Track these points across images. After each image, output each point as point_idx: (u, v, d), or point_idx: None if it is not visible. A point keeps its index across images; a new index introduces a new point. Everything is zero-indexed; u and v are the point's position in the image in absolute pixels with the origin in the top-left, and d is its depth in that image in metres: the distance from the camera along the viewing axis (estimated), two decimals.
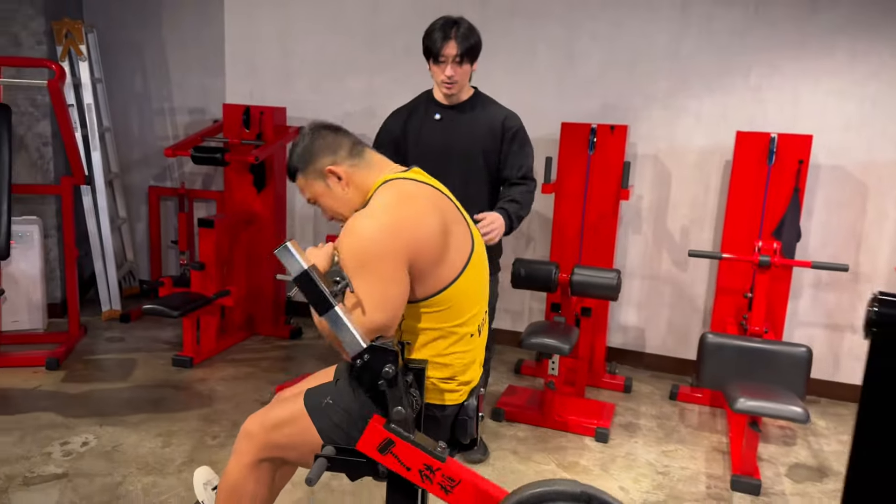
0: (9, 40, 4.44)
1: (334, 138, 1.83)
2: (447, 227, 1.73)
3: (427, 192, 1.78)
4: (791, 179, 3.53)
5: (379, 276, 1.64)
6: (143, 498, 2.65)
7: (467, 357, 1.84)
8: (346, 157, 1.81)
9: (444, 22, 2.77)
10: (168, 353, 4.10)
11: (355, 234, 1.67)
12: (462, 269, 1.76)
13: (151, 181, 5.11)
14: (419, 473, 1.62)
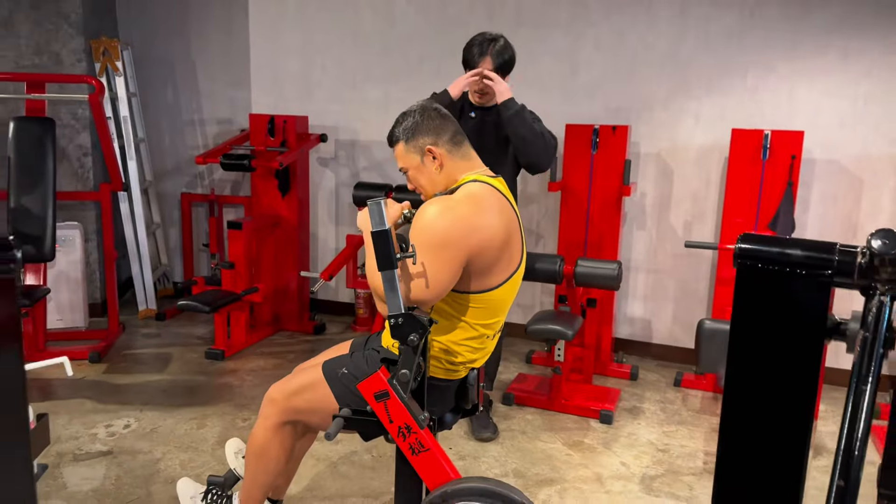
0: (51, 59, 4.78)
1: (441, 122, 2.01)
2: (509, 240, 1.95)
3: (502, 204, 1.96)
4: (784, 174, 3.71)
5: (439, 260, 1.83)
6: (180, 471, 2.91)
7: (477, 353, 2.07)
8: (447, 142, 2.00)
9: (482, 39, 3.08)
10: (201, 348, 4.39)
11: (436, 216, 1.85)
12: (507, 279, 1.98)
13: (183, 188, 5.42)
14: (398, 429, 1.84)
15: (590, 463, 3.14)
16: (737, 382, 0.99)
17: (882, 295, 0.89)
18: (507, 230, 1.94)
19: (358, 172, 4.99)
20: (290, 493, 2.65)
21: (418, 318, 1.81)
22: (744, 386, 0.99)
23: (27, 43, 4.74)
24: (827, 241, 0.96)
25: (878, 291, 0.90)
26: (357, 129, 4.94)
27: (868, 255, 0.89)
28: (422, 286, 1.84)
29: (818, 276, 0.92)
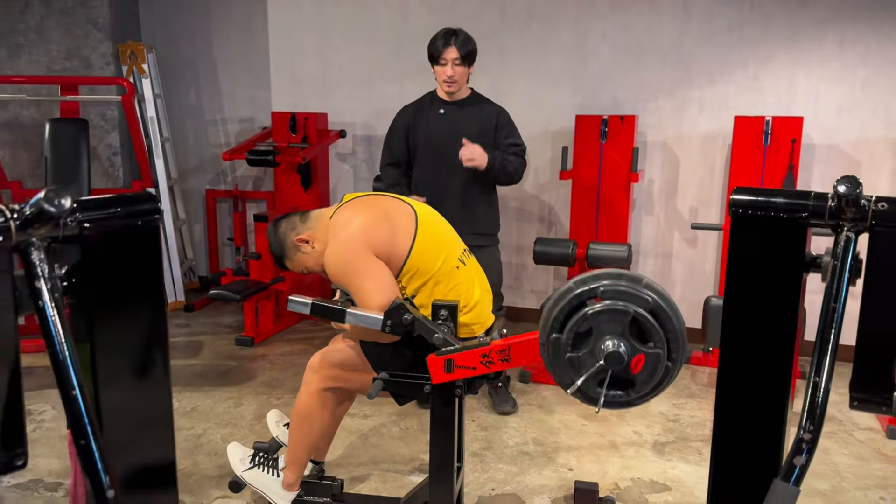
0: (81, 63, 5.01)
1: (287, 221, 2.33)
2: (386, 217, 2.24)
3: (359, 203, 2.31)
4: (785, 158, 3.89)
5: (362, 271, 2.14)
6: (221, 444, 3.12)
7: (463, 283, 2.31)
8: (300, 223, 2.31)
9: (445, 31, 3.29)
10: (230, 336, 4.60)
11: (333, 257, 2.19)
12: (412, 241, 2.24)
13: (207, 185, 5.64)
14: (482, 363, 2.02)
15: (604, 432, 3.33)
16: (732, 310, 1.18)
17: (848, 231, 1.08)
18: (374, 213, 2.25)
19: (375, 167, 5.19)
20: (327, 460, 2.85)
21: (393, 307, 2.09)
22: (738, 313, 1.18)
23: (58, 48, 4.97)
24: (804, 190, 1.15)
25: (845, 229, 1.09)
26: (373, 124, 5.14)
27: (836, 200, 1.08)
28: (375, 295, 2.12)
29: (797, 218, 1.11)
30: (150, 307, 1.08)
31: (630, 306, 1.55)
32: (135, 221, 1.02)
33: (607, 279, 1.62)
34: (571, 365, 1.65)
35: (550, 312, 1.65)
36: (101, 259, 0.98)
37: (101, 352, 0.99)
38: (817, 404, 1.00)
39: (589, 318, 1.59)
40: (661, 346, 1.57)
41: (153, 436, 1.17)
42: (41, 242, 0.87)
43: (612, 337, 1.59)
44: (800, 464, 0.99)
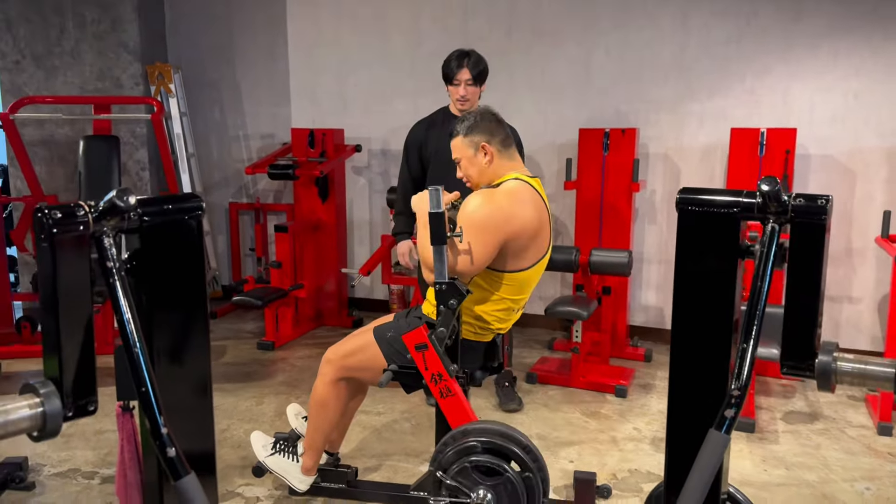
0: (112, 83, 5.32)
1: (496, 126, 2.40)
2: (540, 230, 2.35)
3: (536, 200, 2.34)
4: (780, 168, 4.06)
5: (481, 241, 2.21)
6: (244, 437, 3.34)
7: (504, 322, 2.47)
8: (499, 143, 2.38)
9: (458, 53, 3.50)
10: (252, 341, 4.84)
11: (480, 205, 2.23)
12: (535, 263, 2.38)
13: (230, 198, 5.91)
14: (431, 376, 2.22)
15: (605, 428, 3.51)
16: (681, 290, 1.38)
17: (773, 223, 1.28)
18: (539, 222, 2.35)
19: (389, 179, 5.43)
20: (341, 453, 3.06)
21: (459, 287, 2.22)
22: (685, 292, 1.37)
23: (91, 70, 5.28)
24: (737, 190, 1.35)
25: (770, 221, 1.28)
26: (388, 139, 5.38)
27: (761, 197, 1.28)
28: (466, 261, 2.24)
29: (731, 213, 1.31)
30: (194, 286, 1.30)
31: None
32: (182, 217, 1.24)
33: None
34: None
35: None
36: (155, 247, 1.20)
37: (155, 323, 1.21)
38: (745, 366, 1.18)
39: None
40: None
41: (195, 412, 1.38)
42: (111, 232, 1.10)
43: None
44: (729, 416, 1.17)
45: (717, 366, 1.38)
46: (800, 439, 3.40)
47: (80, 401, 1.11)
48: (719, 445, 1.16)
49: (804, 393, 3.98)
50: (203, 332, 1.35)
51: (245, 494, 2.83)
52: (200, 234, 1.29)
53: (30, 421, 1.03)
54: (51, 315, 1.08)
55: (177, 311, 1.31)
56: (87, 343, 1.09)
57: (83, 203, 1.07)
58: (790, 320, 1.30)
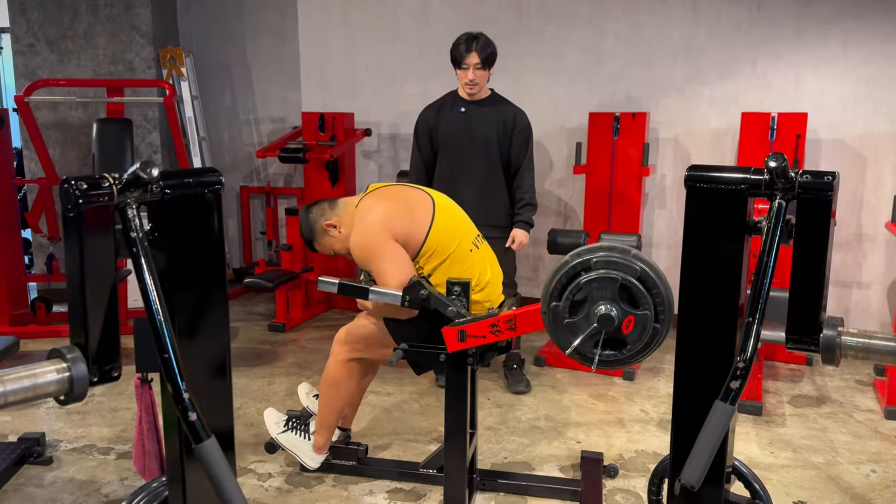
0: (125, 66, 5.35)
1: (317, 207, 2.60)
2: (406, 204, 2.50)
3: (382, 192, 2.57)
4: (791, 152, 4.06)
5: (382, 254, 2.40)
6: (256, 416, 3.40)
7: (476, 265, 2.56)
8: (329, 210, 2.58)
9: (467, 37, 3.51)
10: (262, 322, 4.89)
11: (357, 241, 2.46)
12: (430, 225, 2.49)
13: (241, 182, 5.95)
14: (491, 333, 2.25)
15: (613, 410, 3.54)
16: (689, 266, 1.40)
17: (780, 199, 1.30)
18: (395, 201, 2.51)
19: (399, 163, 5.45)
20: (352, 430, 3.11)
21: (410, 284, 2.34)
22: (693, 269, 1.39)
23: (104, 53, 5.31)
24: (744, 167, 1.37)
25: (777, 197, 1.30)
26: (397, 123, 5.40)
27: (769, 173, 1.30)
28: (395, 273, 2.37)
29: (739, 189, 1.33)
30: (213, 260, 1.33)
31: (619, 274, 1.76)
32: (203, 190, 1.28)
33: (600, 251, 1.83)
34: (570, 329, 1.86)
35: (550, 283, 1.87)
36: (176, 219, 1.24)
37: (176, 296, 1.25)
38: (750, 339, 1.21)
39: (583, 286, 1.80)
40: (649, 309, 1.78)
41: (214, 386, 1.41)
42: (134, 203, 1.14)
43: (604, 302, 1.80)
44: (735, 387, 1.20)
45: (723, 342, 1.40)
46: (807, 423, 3.42)
47: (105, 366, 1.15)
48: (724, 416, 1.19)
49: (812, 377, 4.00)
50: (222, 306, 1.39)
51: (257, 471, 2.88)
52: (220, 208, 1.33)
53: (57, 385, 1.07)
54: (77, 284, 1.12)
55: (197, 285, 1.35)
56: (112, 311, 1.12)
57: (108, 175, 1.11)
58: (795, 295, 1.32)
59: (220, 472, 1.11)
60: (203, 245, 1.33)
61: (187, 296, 1.33)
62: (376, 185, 2.67)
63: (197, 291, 1.35)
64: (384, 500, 2.69)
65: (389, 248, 2.41)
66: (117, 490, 2.73)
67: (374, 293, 2.36)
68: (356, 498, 2.70)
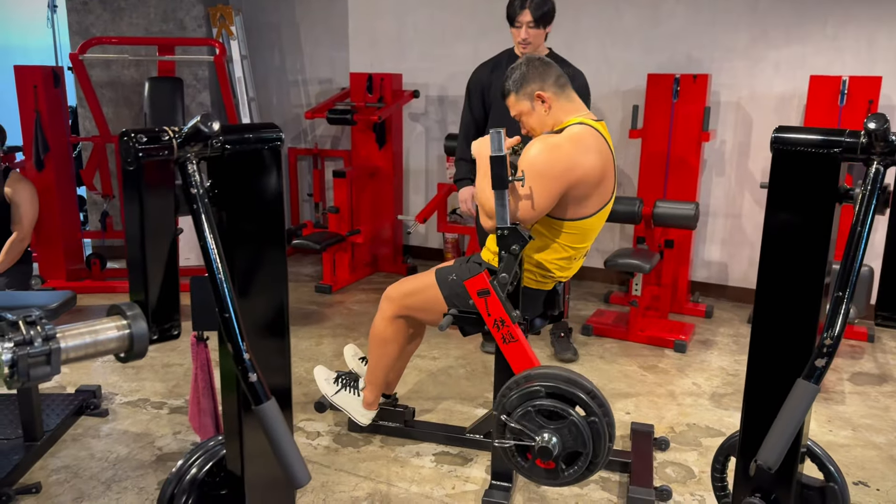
0: (175, 25, 5.35)
1: (545, 69, 2.28)
2: (603, 177, 2.26)
3: (600, 145, 2.23)
4: (862, 119, 3.83)
5: (543, 188, 2.14)
6: (305, 375, 3.42)
7: (565, 271, 2.42)
8: (552, 85, 2.27)
9: None
10: (310, 284, 4.92)
11: (542, 151, 2.15)
12: (598, 210, 2.30)
13: (289, 143, 5.94)
14: (494, 322, 2.18)
15: (663, 382, 3.46)
16: (772, 237, 1.32)
17: (878, 164, 1.19)
18: (603, 168, 2.25)
19: (446, 126, 5.36)
20: (399, 393, 3.10)
21: (521, 232, 2.15)
22: (777, 240, 1.31)
23: (155, 11, 5.31)
24: (838, 129, 1.26)
25: (875, 162, 1.20)
26: (446, 85, 5.30)
27: (867, 136, 1.19)
28: (527, 207, 2.17)
29: (831, 153, 1.23)
30: (273, 217, 1.30)
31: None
32: (263, 146, 1.24)
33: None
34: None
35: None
36: (236, 175, 1.20)
37: (235, 253, 1.22)
38: (839, 315, 1.12)
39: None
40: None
41: (273, 343, 1.39)
42: (195, 158, 1.10)
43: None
44: (820, 365, 1.12)
45: (805, 317, 1.32)
46: (867, 401, 3.30)
47: (164, 324, 1.13)
48: (808, 395, 1.12)
49: (873, 354, 3.85)
50: (281, 265, 1.36)
51: (306, 429, 2.91)
52: (279, 165, 1.29)
53: (118, 342, 1.06)
54: (137, 239, 1.09)
55: (256, 242, 1.32)
56: (171, 268, 1.10)
57: (168, 128, 1.07)
58: (889, 266, 1.23)
59: (280, 434, 1.09)
60: (262, 202, 1.29)
61: (246, 254, 1.30)
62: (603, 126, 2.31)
63: (256, 249, 1.32)
64: (431, 463, 2.68)
65: (554, 188, 2.13)
66: (171, 444, 2.79)
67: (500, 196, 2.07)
68: (403, 459, 2.70)
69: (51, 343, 0.95)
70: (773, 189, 1.29)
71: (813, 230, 1.26)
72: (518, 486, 2.54)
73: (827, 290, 1.33)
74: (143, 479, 2.53)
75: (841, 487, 1.54)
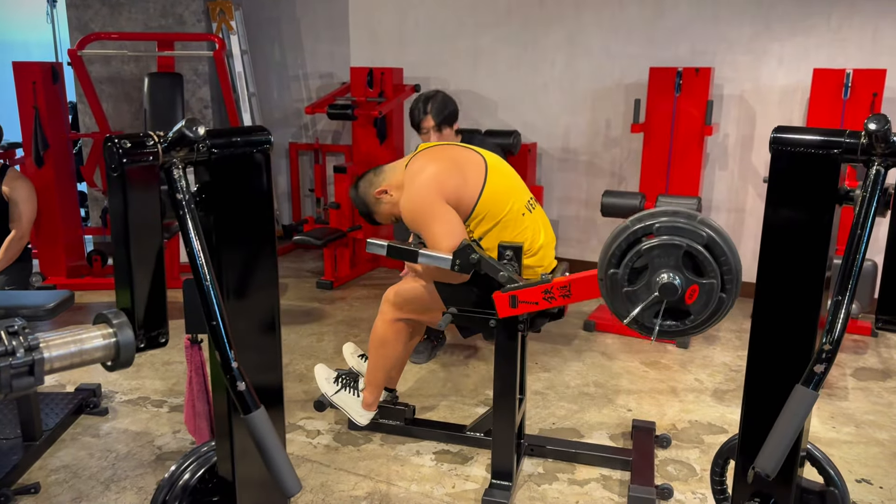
0: (175, 20, 5.32)
1: (363, 181, 2.53)
2: (457, 165, 2.40)
3: (432, 152, 2.48)
4: (865, 112, 3.80)
5: (432, 216, 2.31)
6: (305, 372, 3.41)
7: (528, 228, 2.46)
8: (375, 178, 2.51)
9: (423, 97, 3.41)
10: (311, 280, 4.91)
11: (407, 203, 2.38)
12: (482, 187, 2.39)
13: (290, 138, 5.92)
14: (544, 299, 2.17)
15: (665, 378, 3.44)
16: (771, 239, 1.29)
17: (878, 165, 1.17)
18: (446, 162, 2.41)
19: None
20: (399, 391, 3.09)
21: (460, 247, 2.25)
22: (776, 242, 1.28)
23: (155, 7, 5.29)
24: (838, 129, 1.23)
25: (875, 163, 1.17)
26: (447, 79, 5.26)
27: (867, 136, 1.17)
28: (445, 238, 2.28)
29: (831, 154, 1.20)
30: (262, 220, 1.28)
31: (684, 241, 1.64)
32: (251, 150, 1.22)
33: (663, 216, 1.70)
34: (628, 298, 1.76)
35: (608, 249, 1.77)
36: (224, 179, 1.18)
37: (224, 257, 1.20)
38: (839, 320, 1.10)
39: (643, 253, 1.69)
40: (716, 278, 1.66)
41: (263, 346, 1.38)
42: (180, 163, 1.08)
43: (666, 270, 1.68)
44: (820, 371, 1.10)
45: (805, 320, 1.29)
46: (871, 397, 3.27)
47: (152, 332, 1.11)
48: (806, 402, 1.10)
49: (877, 349, 3.82)
50: (271, 267, 1.34)
51: (306, 427, 2.90)
52: (268, 168, 1.27)
53: (104, 351, 1.04)
54: (122, 246, 1.07)
55: (245, 246, 1.30)
56: (158, 274, 1.08)
57: (153, 133, 1.05)
58: (891, 270, 1.20)
59: (270, 444, 1.07)
60: (252, 206, 1.28)
61: (236, 257, 1.29)
62: (426, 145, 2.58)
63: (246, 253, 1.30)
64: (431, 461, 2.67)
65: (440, 210, 2.32)
66: (170, 442, 2.78)
67: (424, 256, 2.29)
68: (403, 458, 2.69)
69: (34, 353, 0.94)
70: (772, 189, 1.26)
71: (812, 232, 1.24)
72: (518, 484, 2.53)
73: (828, 285, 1.31)
74: (143, 479, 2.53)
75: (841, 492, 1.53)
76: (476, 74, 5.09)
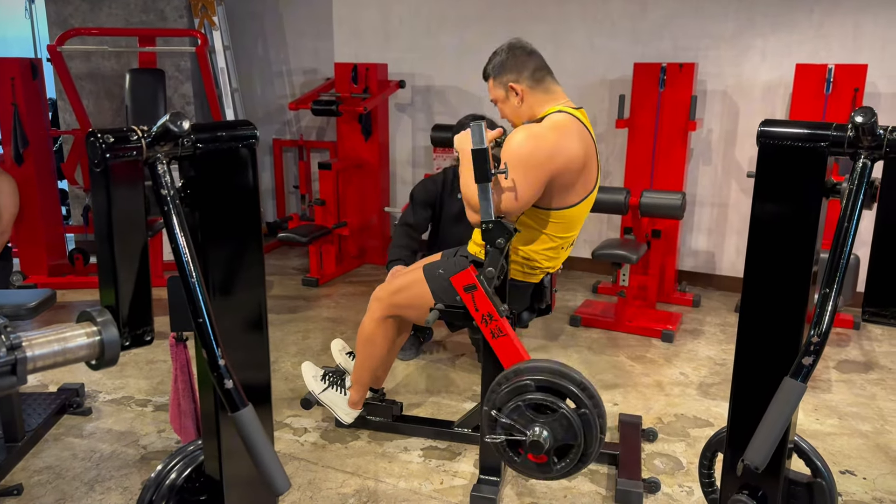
0: (156, 16, 5.26)
1: (525, 60, 2.26)
2: (586, 165, 2.24)
3: (582, 133, 2.22)
4: (848, 107, 3.84)
5: (526, 179, 2.11)
6: (291, 370, 3.39)
7: (552, 262, 2.40)
8: (528, 79, 2.25)
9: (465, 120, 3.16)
10: (297, 277, 4.88)
11: (524, 140, 2.13)
12: (583, 199, 2.28)
13: (274, 135, 5.88)
14: (482, 316, 2.16)
15: (651, 372, 3.46)
16: (759, 232, 1.30)
17: (865, 158, 1.17)
18: (586, 156, 2.23)
19: (433, 117, 5.32)
20: (386, 388, 3.08)
21: (506, 225, 2.13)
22: (764, 235, 1.29)
23: (135, 2, 5.22)
24: (825, 122, 1.24)
25: (862, 156, 1.18)
26: (432, 75, 5.25)
27: (854, 129, 1.17)
28: (511, 198, 2.13)
29: (818, 147, 1.21)
30: (248, 216, 1.27)
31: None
32: (237, 144, 1.20)
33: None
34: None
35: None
36: (209, 174, 1.16)
37: (210, 254, 1.19)
38: (826, 313, 1.11)
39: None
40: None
41: (250, 343, 1.37)
42: (164, 158, 1.06)
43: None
44: (808, 364, 1.10)
45: (792, 313, 1.30)
46: (854, 389, 3.31)
47: (137, 330, 1.10)
48: (795, 394, 1.10)
49: (859, 342, 3.86)
50: (258, 263, 1.33)
51: (293, 425, 2.88)
52: (254, 163, 1.25)
53: (88, 349, 1.02)
54: (106, 243, 1.06)
55: (231, 241, 1.28)
56: (143, 272, 1.07)
57: (136, 127, 1.04)
58: (877, 263, 1.21)
59: (258, 442, 1.06)
60: (237, 201, 1.26)
61: (222, 253, 1.27)
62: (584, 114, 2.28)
63: (232, 249, 1.29)
64: (419, 458, 2.67)
65: (539, 176, 2.10)
66: (155, 442, 2.75)
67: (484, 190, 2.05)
68: (391, 454, 2.68)
69: (16, 352, 0.92)
70: (759, 183, 1.27)
71: (799, 225, 1.25)
72: (506, 479, 2.53)
73: (815, 279, 1.32)
74: (128, 479, 2.50)
75: (828, 483, 1.54)
76: (461, 69, 5.08)
